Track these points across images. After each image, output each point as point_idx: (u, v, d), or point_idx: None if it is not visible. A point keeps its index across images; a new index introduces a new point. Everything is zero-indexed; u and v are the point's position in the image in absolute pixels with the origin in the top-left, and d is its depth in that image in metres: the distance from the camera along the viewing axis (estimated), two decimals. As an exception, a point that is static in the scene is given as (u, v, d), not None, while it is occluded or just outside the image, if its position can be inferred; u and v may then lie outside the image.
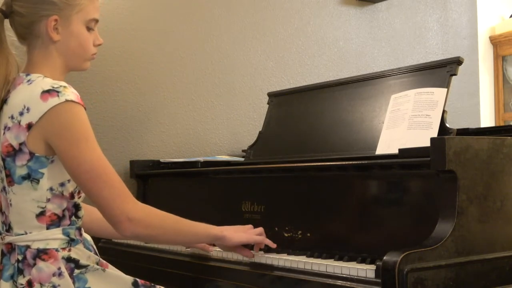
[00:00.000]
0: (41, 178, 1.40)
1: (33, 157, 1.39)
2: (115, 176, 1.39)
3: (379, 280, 1.24)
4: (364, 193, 1.57)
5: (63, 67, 1.52)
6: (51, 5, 1.47)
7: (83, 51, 1.54)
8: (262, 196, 1.78)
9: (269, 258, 1.54)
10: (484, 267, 1.35)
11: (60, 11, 1.48)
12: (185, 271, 1.75)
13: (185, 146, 2.60)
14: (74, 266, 1.40)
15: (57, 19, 1.48)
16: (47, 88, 1.39)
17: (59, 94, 1.38)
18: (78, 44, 1.52)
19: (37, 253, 1.39)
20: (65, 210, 1.43)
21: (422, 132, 1.64)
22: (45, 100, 1.37)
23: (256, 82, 2.81)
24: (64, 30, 1.49)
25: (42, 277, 1.38)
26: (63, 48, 1.50)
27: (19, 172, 1.40)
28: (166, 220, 1.47)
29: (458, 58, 1.72)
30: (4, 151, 1.41)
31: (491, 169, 1.39)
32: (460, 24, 3.61)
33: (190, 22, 2.65)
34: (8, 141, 1.40)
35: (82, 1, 1.51)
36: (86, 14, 1.52)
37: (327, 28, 3.07)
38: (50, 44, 1.49)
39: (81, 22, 1.52)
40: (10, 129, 1.41)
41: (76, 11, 1.50)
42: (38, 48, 1.50)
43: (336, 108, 1.99)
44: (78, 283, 1.39)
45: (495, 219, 1.39)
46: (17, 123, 1.40)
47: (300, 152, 2.01)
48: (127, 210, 1.38)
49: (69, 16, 1.49)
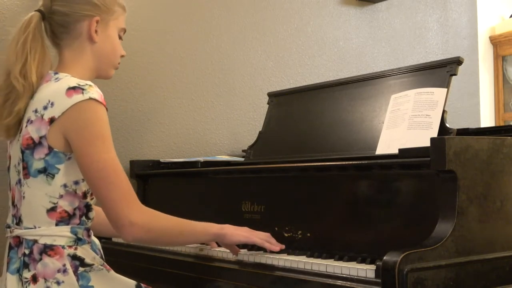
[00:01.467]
0: (56, 173, 1.42)
1: (51, 152, 1.42)
2: (125, 179, 1.41)
3: (379, 280, 1.24)
4: (364, 193, 1.57)
5: (93, 70, 1.58)
6: (93, 6, 1.53)
7: (114, 57, 1.61)
8: (262, 196, 1.78)
9: (269, 258, 1.54)
10: (484, 267, 1.35)
11: (101, 13, 1.55)
12: (185, 271, 1.75)
13: (185, 146, 2.60)
14: (79, 264, 1.43)
15: (98, 21, 1.54)
16: (73, 85, 1.42)
17: (84, 92, 1.41)
18: (112, 49, 1.59)
19: (44, 248, 1.41)
20: (76, 209, 1.45)
21: (422, 132, 1.64)
22: (70, 96, 1.41)
23: (256, 82, 2.81)
24: (102, 33, 1.56)
25: (47, 272, 1.40)
26: (99, 50, 1.56)
27: (35, 165, 1.43)
28: (167, 224, 1.49)
29: (458, 58, 1.72)
30: (24, 143, 1.44)
31: (491, 169, 1.39)
32: (460, 24, 3.61)
33: (190, 22, 2.65)
34: (29, 133, 1.43)
35: (118, 9, 1.59)
36: (120, 22, 1.60)
37: (327, 28, 3.07)
38: (88, 45, 1.55)
39: (115, 29, 1.60)
40: (32, 123, 1.44)
41: (114, 17, 1.58)
42: (73, 49, 1.55)
43: (336, 108, 1.99)
44: (82, 281, 1.41)
45: (495, 219, 1.39)
46: (40, 117, 1.43)
47: (300, 152, 2.01)
48: (131, 214, 1.39)
49: (108, 21, 1.57)
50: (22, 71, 1.46)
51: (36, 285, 1.40)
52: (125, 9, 1.63)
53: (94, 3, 1.53)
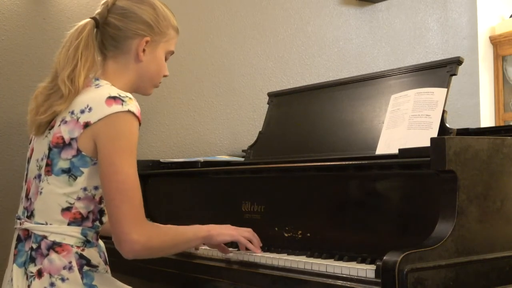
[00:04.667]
0: (79, 176, 1.44)
1: (79, 154, 1.44)
2: (139, 197, 1.43)
3: (379, 280, 1.24)
4: (364, 193, 1.57)
5: (133, 86, 1.59)
6: (147, 27, 1.56)
7: (157, 78, 1.63)
8: (262, 196, 1.78)
9: (269, 258, 1.54)
10: (484, 267, 1.35)
11: (153, 35, 1.57)
12: (185, 271, 1.75)
13: (185, 146, 2.60)
14: (85, 262, 1.45)
15: (148, 41, 1.56)
16: (114, 95, 1.44)
17: (124, 103, 1.43)
18: (157, 69, 1.61)
19: (52, 244, 1.43)
20: (90, 213, 1.47)
21: (422, 132, 1.64)
22: (109, 105, 1.42)
23: (256, 82, 2.81)
24: (150, 54, 1.58)
25: (52, 268, 1.42)
26: (143, 69, 1.58)
27: (61, 165, 1.44)
28: (165, 239, 1.51)
29: (458, 58, 1.72)
30: (54, 141, 1.45)
31: (491, 169, 1.39)
32: (460, 24, 3.61)
33: (190, 22, 2.65)
34: (61, 133, 1.45)
35: (171, 32, 1.62)
36: (170, 45, 1.63)
37: (327, 28, 3.07)
38: (133, 62, 1.57)
39: (164, 51, 1.62)
40: (66, 123, 1.45)
41: (165, 40, 1.60)
42: (118, 63, 1.57)
43: (336, 108, 1.99)
44: (86, 279, 1.43)
45: (495, 219, 1.39)
46: (76, 119, 1.44)
47: (300, 152, 2.01)
48: (135, 232, 1.40)
49: (158, 43, 1.59)
50: (70, 76, 1.47)
51: (40, 280, 1.41)
52: (178, 32, 1.65)
53: (149, 24, 1.56)
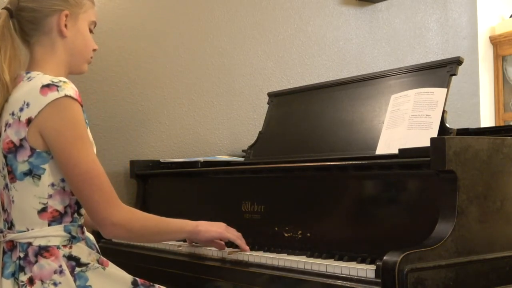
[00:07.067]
0: (42, 174, 1.41)
1: (34, 153, 1.40)
2: (106, 180, 1.43)
3: (379, 280, 1.24)
4: (364, 193, 1.57)
5: (65, 66, 1.55)
6: (62, 0, 1.51)
7: (86, 51, 1.58)
8: (262, 196, 1.78)
9: (269, 258, 1.54)
10: (484, 267, 1.35)
11: (70, 7, 1.52)
12: (185, 271, 1.75)
13: (185, 146, 2.60)
14: (75, 264, 1.42)
15: (67, 15, 1.51)
16: (47, 83, 1.40)
17: (59, 89, 1.39)
18: (84, 43, 1.57)
19: (39, 250, 1.40)
20: (67, 207, 1.44)
21: (422, 132, 1.64)
22: (45, 94, 1.39)
23: (256, 82, 2.81)
24: (72, 27, 1.53)
25: (43, 274, 1.39)
26: (70, 45, 1.54)
27: (20, 168, 1.41)
28: (146, 224, 1.52)
29: (458, 58, 1.72)
30: (6, 147, 1.42)
31: (491, 169, 1.39)
32: (460, 24, 3.60)
33: (190, 22, 2.65)
34: (9, 137, 1.42)
35: (87, 2, 1.57)
36: (90, 15, 1.57)
37: (327, 28, 3.06)
38: (58, 40, 1.52)
39: (86, 22, 1.57)
40: (11, 126, 1.42)
41: (83, 10, 1.55)
42: (43, 46, 1.52)
43: (336, 108, 1.99)
44: (79, 281, 1.40)
45: (495, 219, 1.39)
46: (17, 119, 1.41)
47: (300, 152, 2.01)
48: (113, 215, 1.42)
49: (78, 14, 1.54)
50: None
51: (33, 287, 1.39)
52: (93, 2, 1.60)
53: None
